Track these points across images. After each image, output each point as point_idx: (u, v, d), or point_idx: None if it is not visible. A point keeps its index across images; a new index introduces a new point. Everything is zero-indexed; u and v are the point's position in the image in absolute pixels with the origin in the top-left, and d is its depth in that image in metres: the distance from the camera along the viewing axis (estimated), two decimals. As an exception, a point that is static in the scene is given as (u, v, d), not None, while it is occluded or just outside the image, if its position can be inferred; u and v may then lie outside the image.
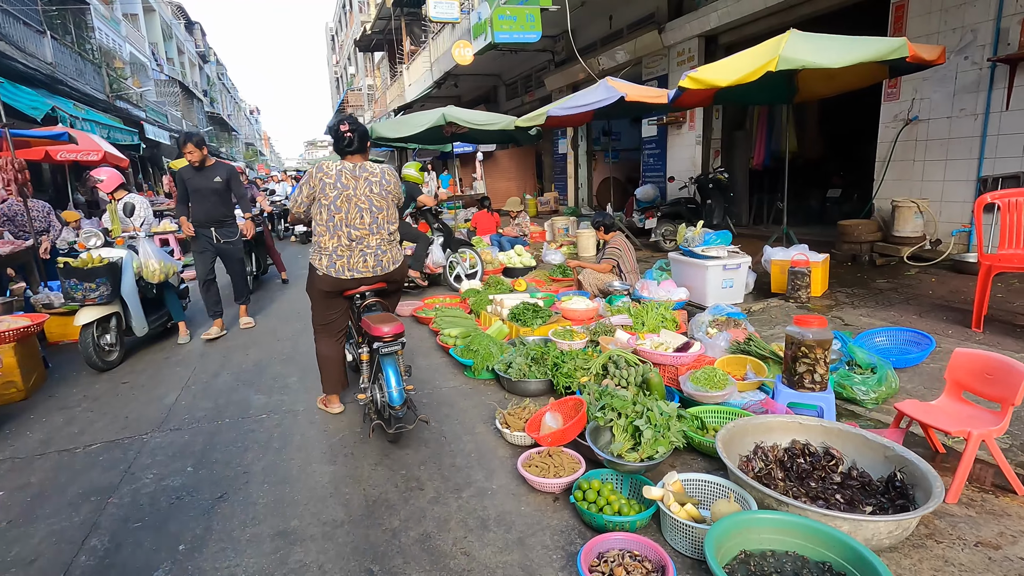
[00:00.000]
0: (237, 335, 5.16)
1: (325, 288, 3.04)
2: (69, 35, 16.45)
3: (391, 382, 2.76)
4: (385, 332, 2.75)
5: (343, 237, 2.96)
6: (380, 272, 3.06)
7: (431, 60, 18.18)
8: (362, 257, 3.00)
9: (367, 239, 3.00)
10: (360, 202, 2.98)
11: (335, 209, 2.95)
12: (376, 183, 3.03)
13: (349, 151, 3.03)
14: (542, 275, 6.40)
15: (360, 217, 2.97)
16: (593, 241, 8.79)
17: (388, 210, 3.09)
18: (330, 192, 2.95)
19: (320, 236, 3.01)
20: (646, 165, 11.11)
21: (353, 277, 3.00)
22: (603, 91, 7.30)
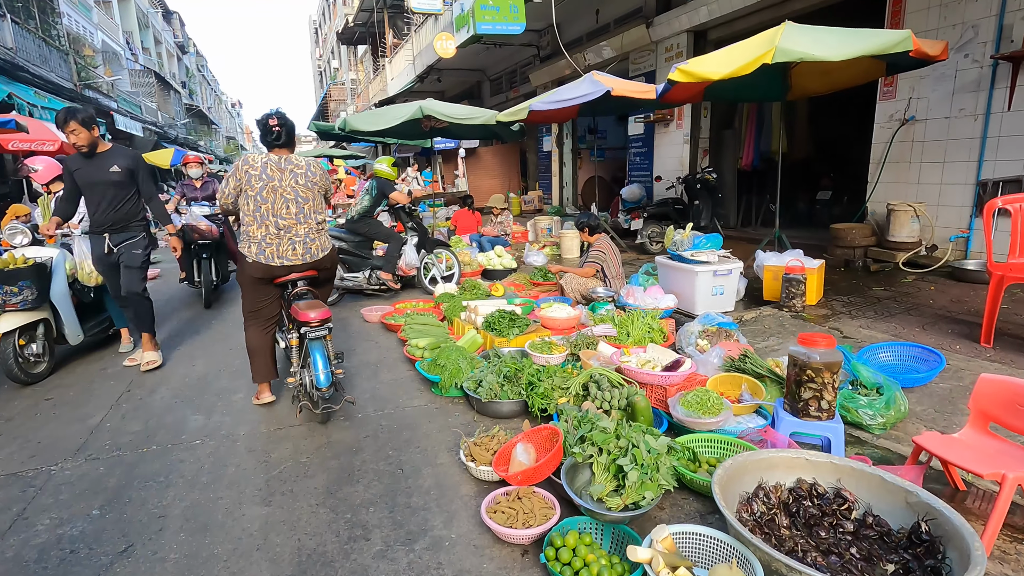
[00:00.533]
0: (185, 341, 4.73)
1: (256, 275, 3.14)
2: (33, 19, 15.68)
3: (318, 365, 2.92)
4: (312, 318, 2.90)
5: (271, 226, 3.09)
6: (309, 259, 3.18)
7: (414, 53, 17.70)
8: (291, 245, 3.12)
9: (295, 228, 3.12)
10: (286, 193, 3.10)
11: (261, 200, 3.07)
12: (301, 175, 3.14)
13: (277, 144, 3.14)
14: (523, 278, 6.04)
15: (286, 207, 3.10)
16: (577, 242, 8.46)
17: (314, 200, 3.20)
18: (256, 183, 3.06)
19: (248, 226, 3.11)
20: (632, 164, 10.81)
21: (283, 264, 3.11)
22: (588, 85, 6.96)
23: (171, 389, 3.69)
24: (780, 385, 3.11)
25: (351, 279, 5.94)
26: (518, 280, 6.01)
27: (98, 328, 4.45)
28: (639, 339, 3.98)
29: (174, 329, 5.18)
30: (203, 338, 4.84)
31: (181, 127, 35.11)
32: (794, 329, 4.25)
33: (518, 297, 5.09)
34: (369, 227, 5.89)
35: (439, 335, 4.22)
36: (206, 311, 5.80)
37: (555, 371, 3.19)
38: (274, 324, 3.34)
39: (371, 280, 5.99)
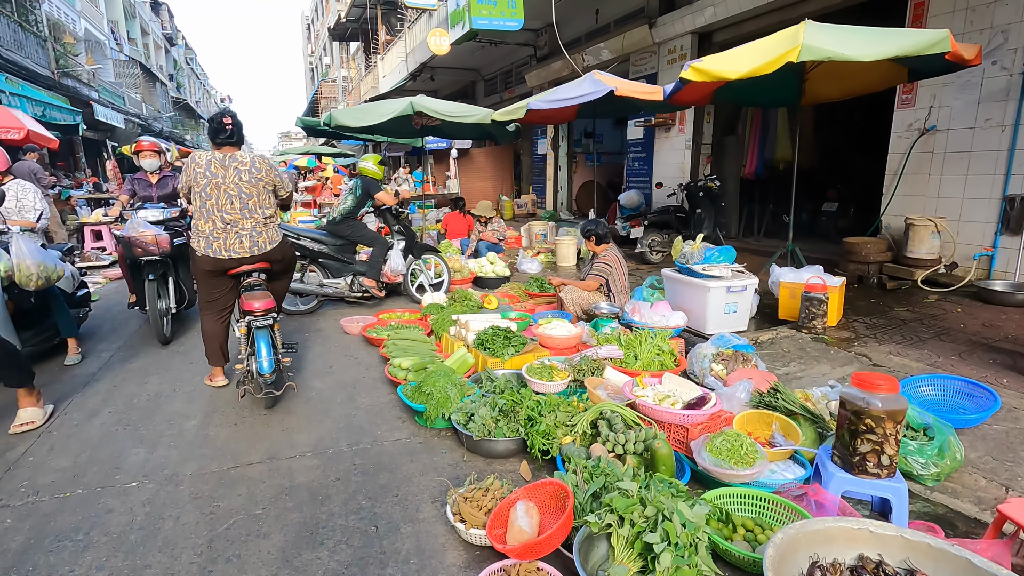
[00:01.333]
0: (140, 353, 4.24)
1: (207, 268, 3.27)
2: (8, 3, 15.01)
3: (261, 353, 3.09)
4: (256, 308, 3.09)
5: (217, 221, 3.21)
6: (256, 252, 3.28)
7: (407, 51, 17.26)
8: (237, 239, 3.23)
9: (240, 223, 3.24)
10: (229, 189, 3.21)
11: (206, 196, 3.20)
12: (245, 171, 3.24)
13: (227, 142, 3.27)
14: (517, 289, 5.61)
15: (230, 203, 3.21)
16: (573, 250, 8.06)
17: (259, 196, 3.29)
18: (201, 180, 3.20)
19: (196, 220, 3.26)
20: (631, 169, 10.45)
21: (231, 257, 3.24)
22: (590, 85, 6.59)
23: (115, 412, 3.21)
24: (814, 424, 2.72)
25: (332, 286, 5.48)
26: (512, 291, 5.59)
27: (40, 337, 3.94)
28: (648, 363, 3.58)
29: (130, 337, 4.69)
30: (160, 351, 4.35)
31: (167, 120, 34.28)
32: (816, 354, 3.87)
33: (513, 311, 4.66)
34: (352, 229, 5.44)
35: (425, 353, 3.78)
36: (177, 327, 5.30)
37: (558, 404, 2.76)
38: (228, 313, 3.51)
39: (353, 287, 5.54)
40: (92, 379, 3.70)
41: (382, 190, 5.51)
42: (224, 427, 3.01)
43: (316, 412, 3.21)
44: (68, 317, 4.04)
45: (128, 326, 5.01)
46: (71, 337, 4.07)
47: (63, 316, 4.00)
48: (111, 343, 4.51)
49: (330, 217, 5.50)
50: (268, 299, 3.13)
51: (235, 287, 3.40)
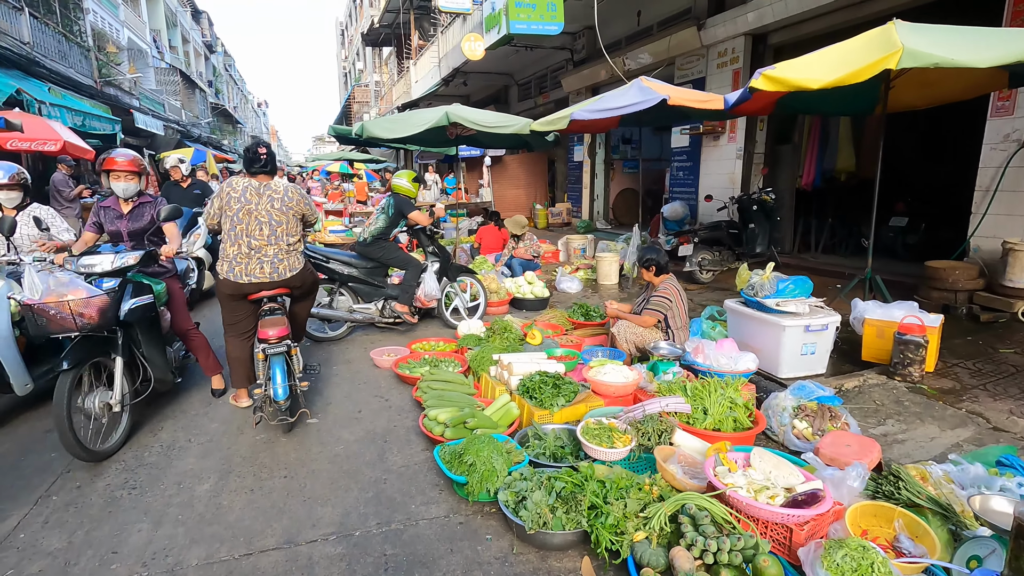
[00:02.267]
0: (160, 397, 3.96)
1: (227, 291, 3.35)
2: (53, 14, 15.34)
3: (275, 379, 3.10)
4: (270, 336, 3.12)
5: (243, 246, 3.27)
6: (276, 278, 3.32)
7: (439, 55, 17.02)
8: (259, 264, 3.28)
9: (264, 249, 3.29)
10: (260, 216, 3.28)
11: (237, 220, 3.26)
12: (278, 199, 3.32)
13: (262, 171, 3.34)
14: (560, 317, 5.16)
15: (259, 229, 3.27)
16: (615, 268, 7.57)
17: (288, 224, 3.36)
18: (234, 205, 3.26)
19: (224, 244, 3.31)
20: (674, 179, 9.88)
21: (251, 282, 3.28)
22: (637, 93, 6.10)
23: (122, 470, 2.89)
24: (945, 520, 2.20)
25: (362, 311, 5.13)
26: (555, 318, 5.14)
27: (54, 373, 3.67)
28: (720, 419, 3.10)
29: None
30: (176, 388, 4.06)
31: (205, 126, 35.02)
32: (917, 409, 3.32)
33: (558, 346, 4.22)
34: (384, 251, 5.08)
35: (463, 402, 3.37)
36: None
37: (626, 486, 2.31)
38: (252, 335, 3.48)
39: (385, 312, 5.18)
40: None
41: (416, 209, 5.14)
42: (239, 493, 2.65)
43: (342, 474, 2.83)
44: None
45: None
46: None
47: (79, 348, 3.72)
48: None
49: (360, 238, 5.16)
50: (282, 327, 3.17)
51: (256, 311, 3.42)
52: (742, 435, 2.99)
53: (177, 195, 6.09)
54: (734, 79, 8.20)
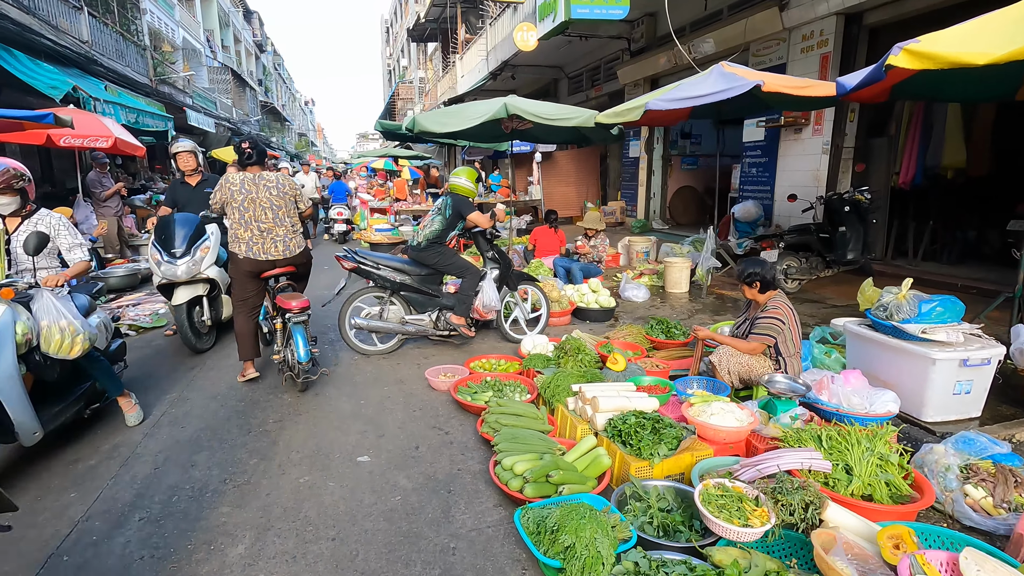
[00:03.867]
0: (191, 411, 3.56)
1: (247, 268, 3.79)
2: (111, 14, 15.62)
3: (299, 344, 3.56)
4: (293, 306, 3.59)
5: (254, 230, 3.75)
6: (288, 255, 3.85)
7: (487, 48, 16.53)
8: (273, 244, 3.78)
9: (274, 230, 3.79)
10: (263, 202, 3.75)
11: (244, 209, 3.73)
12: (273, 187, 3.80)
13: (250, 163, 3.82)
14: (636, 334, 4.54)
15: (264, 214, 3.76)
16: (686, 275, 6.87)
17: (286, 207, 3.85)
18: (238, 196, 3.73)
19: (236, 229, 3.77)
20: (746, 177, 9.04)
21: (268, 259, 3.78)
22: (719, 79, 5.41)
23: (146, 520, 2.46)
24: None
25: (414, 323, 4.65)
26: (629, 335, 4.52)
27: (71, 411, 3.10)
28: (867, 481, 2.44)
29: (184, 387, 4.07)
30: (218, 411, 3.65)
31: (254, 123, 35.75)
32: None
33: (643, 372, 3.60)
34: (440, 257, 4.58)
35: (540, 445, 2.81)
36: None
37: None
38: (258, 312, 3.99)
39: (439, 324, 4.68)
40: (133, 456, 3.01)
41: (475, 210, 4.61)
42: (279, 562, 2.18)
43: (401, 538, 2.32)
44: (111, 375, 3.32)
45: (176, 371, 4.40)
46: (120, 395, 3.41)
47: (105, 375, 3.28)
48: (161, 395, 3.87)
49: (413, 242, 4.67)
50: (303, 299, 3.63)
51: (263, 288, 3.98)
52: (904, 509, 2.33)
53: (184, 196, 4.99)
54: (822, 65, 7.34)
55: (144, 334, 5.30)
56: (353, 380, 4.11)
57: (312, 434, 3.26)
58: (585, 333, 4.67)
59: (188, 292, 4.43)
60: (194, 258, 4.39)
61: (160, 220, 4.63)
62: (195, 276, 4.41)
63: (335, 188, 12.36)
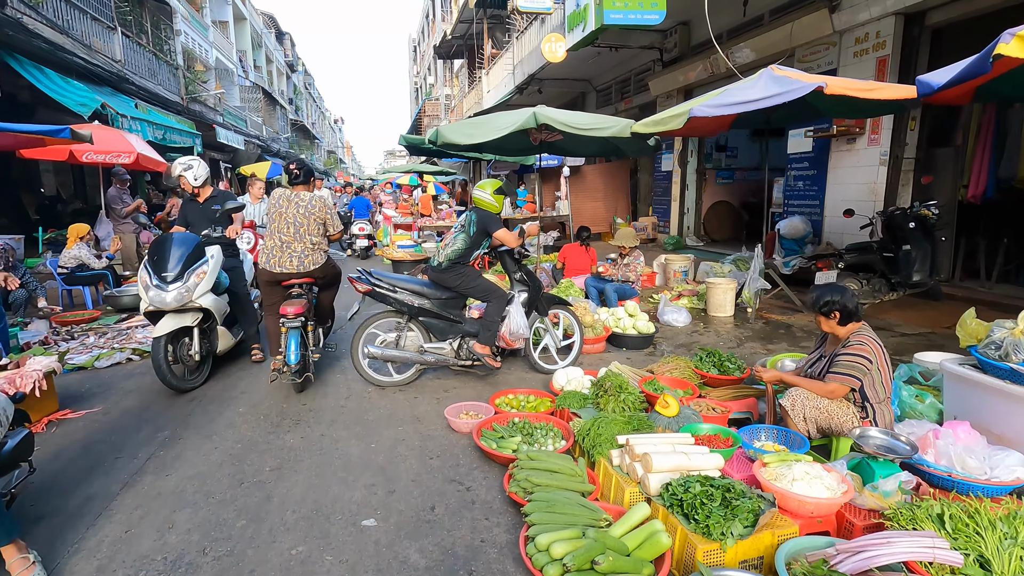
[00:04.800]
0: (177, 456, 3.15)
1: (264, 278, 4.17)
2: (145, 34, 15.91)
3: (290, 348, 3.82)
4: (288, 312, 3.80)
5: (276, 241, 4.09)
6: (303, 269, 4.11)
7: (514, 62, 16.29)
8: (288, 258, 4.08)
9: (293, 244, 4.08)
10: (288, 218, 4.08)
11: (273, 222, 4.13)
12: (303, 207, 4.11)
13: (295, 182, 4.20)
14: (683, 367, 3.99)
15: (288, 229, 4.07)
16: (730, 297, 6.29)
17: (309, 226, 4.10)
18: (271, 210, 4.15)
19: (265, 240, 4.19)
20: (792, 190, 8.42)
21: (281, 271, 4.08)
22: (770, 84, 4.93)
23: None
24: None
25: (434, 351, 4.20)
26: (676, 368, 3.97)
27: None
28: (1013, 579, 1.86)
29: (177, 425, 3.68)
30: (208, 459, 3.24)
31: (284, 141, 36.36)
32: None
33: (699, 418, 3.06)
34: (462, 279, 4.13)
35: (580, 513, 2.31)
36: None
37: None
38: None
39: (461, 353, 4.22)
40: (105, 513, 2.59)
41: (502, 226, 4.16)
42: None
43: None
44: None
45: (175, 404, 4.02)
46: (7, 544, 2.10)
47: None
48: (153, 432, 3.49)
49: (434, 262, 4.24)
50: (299, 306, 3.83)
51: (284, 296, 4.13)
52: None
53: (193, 214, 4.68)
54: (879, 69, 6.75)
55: (148, 359, 4.97)
56: (364, 418, 3.66)
57: (313, 486, 2.81)
58: (624, 365, 4.15)
59: (173, 322, 3.96)
60: (186, 284, 3.95)
61: (156, 239, 4.28)
62: (186, 304, 3.95)
63: (356, 203, 12.14)
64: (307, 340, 4.04)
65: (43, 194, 14.21)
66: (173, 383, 3.96)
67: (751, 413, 3.43)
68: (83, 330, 5.91)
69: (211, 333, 4.32)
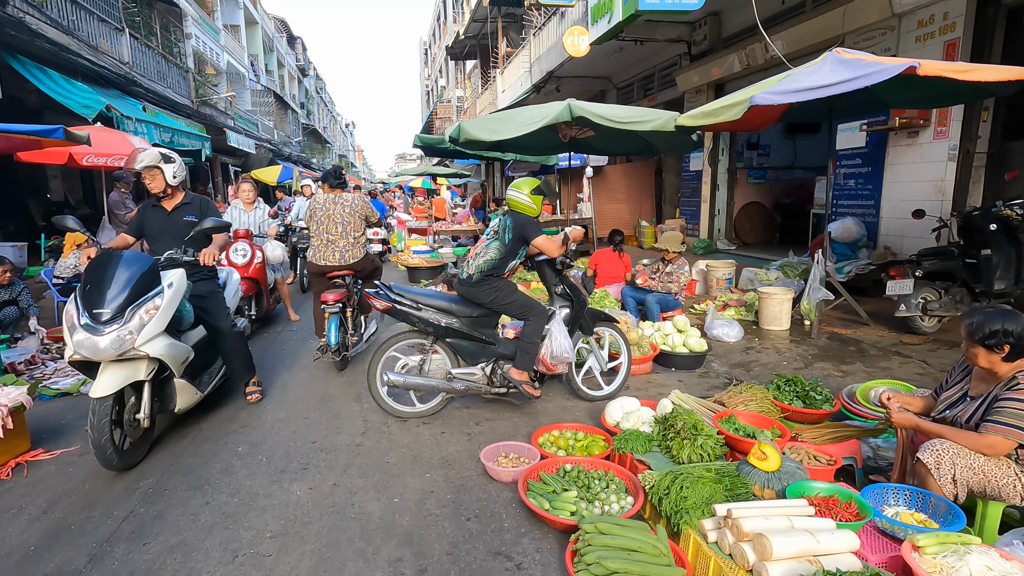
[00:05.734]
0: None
1: (312, 271, 4.75)
2: (154, 36, 15.59)
3: (330, 330, 4.34)
4: (329, 299, 4.34)
5: (324, 239, 4.63)
6: (343, 263, 4.63)
7: (531, 60, 15.74)
8: (332, 253, 4.62)
9: (337, 241, 4.62)
10: (335, 218, 4.62)
11: (320, 222, 4.64)
12: (347, 207, 4.65)
13: (336, 185, 4.79)
14: (758, 396, 3.36)
15: (335, 228, 4.62)
16: (786, 308, 5.65)
17: (354, 223, 4.66)
18: (319, 212, 4.65)
19: (312, 238, 4.71)
20: (842, 190, 7.75)
21: (327, 264, 4.63)
22: (837, 67, 4.33)
23: None
24: None
25: (463, 378, 3.62)
26: (751, 401, 3.34)
27: None
28: None
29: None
30: (193, 523, 2.68)
31: (295, 145, 36.15)
32: None
33: (805, 474, 2.44)
34: (497, 293, 3.55)
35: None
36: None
37: None
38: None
39: (494, 379, 3.64)
40: None
41: (542, 232, 3.58)
42: None
43: None
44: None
45: (168, 438, 3.48)
46: None
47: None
48: (136, 479, 2.95)
49: (463, 274, 3.66)
50: (338, 294, 4.38)
51: (332, 285, 4.61)
52: None
53: (156, 224, 3.70)
54: (947, 54, 6.08)
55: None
56: (384, 460, 3.09)
57: (324, 560, 2.24)
58: (685, 394, 3.55)
59: (117, 377, 2.87)
60: (128, 325, 2.86)
61: (93, 259, 3.10)
62: (126, 353, 2.86)
63: (371, 207, 11.61)
64: (346, 325, 4.69)
65: (50, 200, 13.87)
66: (115, 463, 2.85)
67: (855, 459, 2.81)
68: (76, 347, 5.41)
69: (167, 386, 3.20)
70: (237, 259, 5.56)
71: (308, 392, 4.17)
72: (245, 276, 5.47)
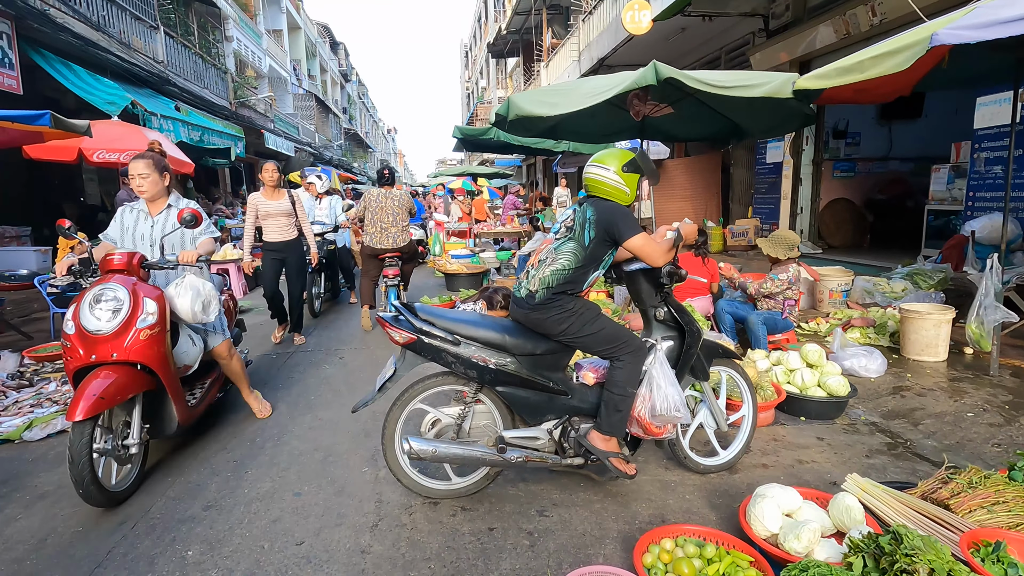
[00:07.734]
0: None
1: (368, 253, 5.66)
2: (191, 36, 15.22)
3: (391, 298, 5.50)
4: (388, 274, 5.55)
5: (378, 226, 5.58)
6: (392, 245, 5.60)
7: (579, 48, 14.58)
8: (385, 237, 5.59)
9: (389, 228, 5.59)
10: (388, 209, 5.60)
11: (374, 212, 5.60)
12: (396, 200, 5.66)
13: (386, 183, 5.79)
14: (1011, 494, 2.07)
15: (387, 217, 5.59)
16: (944, 333, 4.25)
17: (401, 213, 5.67)
18: (373, 205, 5.61)
19: (367, 226, 5.63)
20: (983, 178, 6.21)
21: (380, 247, 5.58)
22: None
23: None
24: None
25: (520, 443, 2.45)
26: (995, 501, 2.05)
27: None
28: None
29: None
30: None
31: (336, 148, 36.08)
32: None
33: None
34: (573, 320, 2.36)
35: None
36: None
37: None
38: (376, 279, 5.76)
39: (565, 444, 2.46)
40: None
41: (640, 229, 2.39)
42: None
43: None
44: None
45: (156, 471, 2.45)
46: None
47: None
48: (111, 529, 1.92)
49: (518, 291, 2.49)
50: (395, 269, 5.59)
51: (379, 265, 5.65)
52: None
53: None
54: None
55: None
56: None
57: None
58: (870, 482, 2.28)
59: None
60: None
61: None
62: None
63: (408, 207, 10.67)
64: (401, 294, 5.86)
65: (84, 204, 13.58)
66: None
67: None
68: (55, 368, 4.58)
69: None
70: (90, 322, 2.59)
71: (307, 445, 3.10)
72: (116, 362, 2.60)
